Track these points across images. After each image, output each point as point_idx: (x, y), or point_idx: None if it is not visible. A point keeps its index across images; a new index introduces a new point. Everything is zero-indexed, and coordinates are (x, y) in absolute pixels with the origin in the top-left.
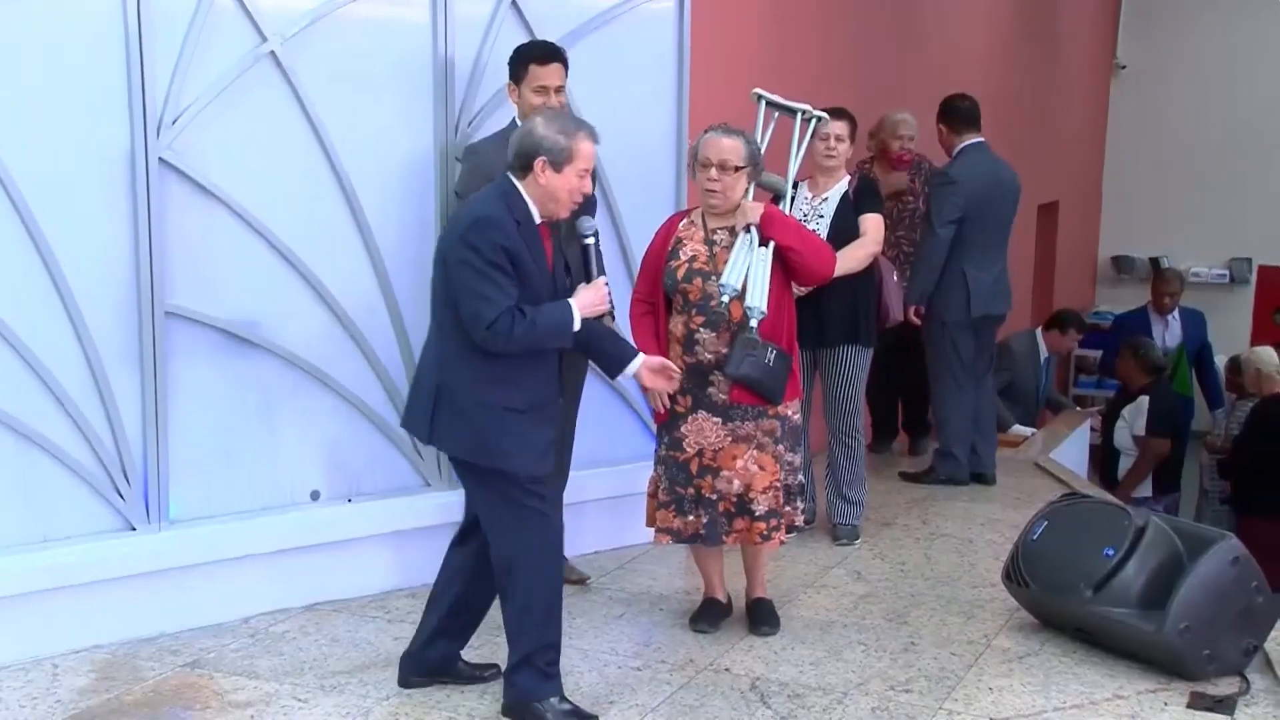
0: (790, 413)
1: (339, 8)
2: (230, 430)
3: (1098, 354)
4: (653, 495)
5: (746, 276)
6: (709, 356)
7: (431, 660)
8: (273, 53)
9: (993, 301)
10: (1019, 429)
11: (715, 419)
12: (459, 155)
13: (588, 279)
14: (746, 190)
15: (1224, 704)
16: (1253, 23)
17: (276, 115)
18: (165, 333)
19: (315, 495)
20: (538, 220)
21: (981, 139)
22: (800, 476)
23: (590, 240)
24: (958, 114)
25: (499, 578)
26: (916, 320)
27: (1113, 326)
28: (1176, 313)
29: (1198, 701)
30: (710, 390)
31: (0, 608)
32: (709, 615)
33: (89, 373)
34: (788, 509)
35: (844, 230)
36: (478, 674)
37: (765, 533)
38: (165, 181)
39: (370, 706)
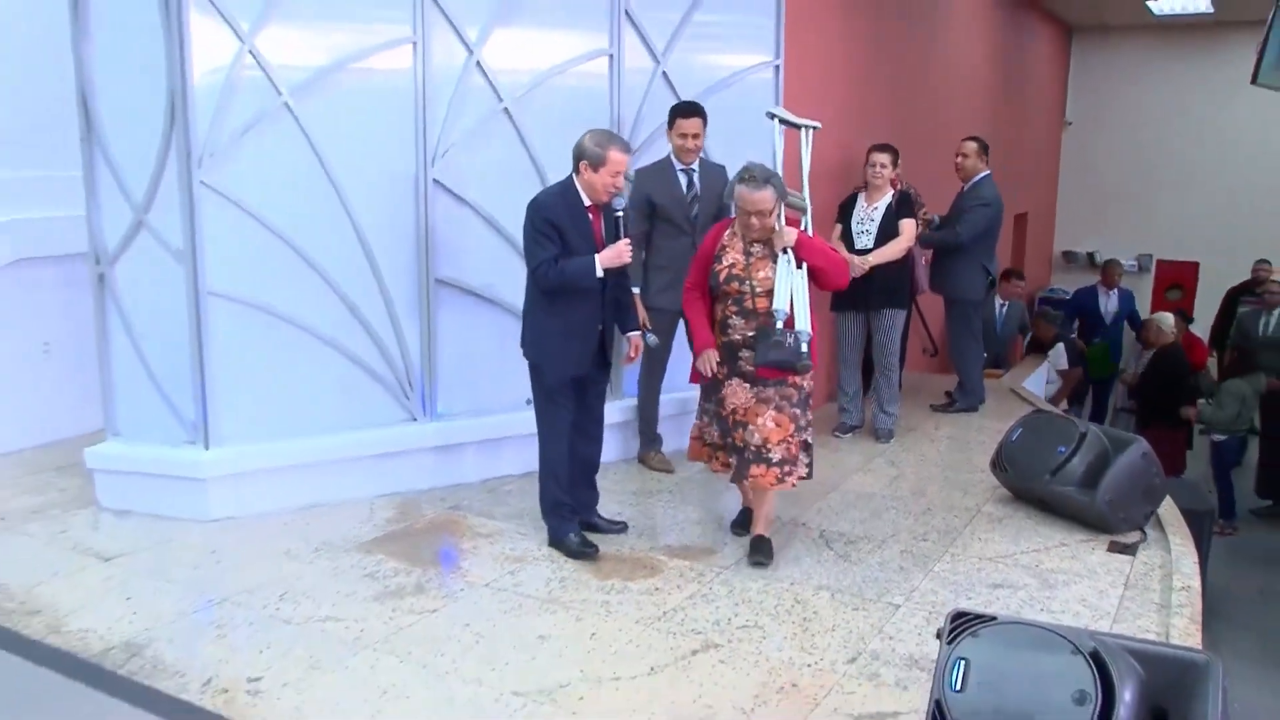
0: (805, 383)
1: (551, 79)
2: (474, 356)
3: (1059, 314)
4: (696, 437)
5: (792, 298)
6: (738, 338)
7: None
8: (506, 109)
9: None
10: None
11: (745, 384)
12: (630, 176)
13: (615, 240)
14: (778, 214)
15: (1130, 548)
16: (1163, 91)
17: (508, 152)
18: (435, 293)
19: (528, 401)
20: (587, 203)
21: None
22: (807, 435)
23: (619, 214)
24: (985, 150)
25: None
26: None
27: (1072, 296)
28: (1116, 290)
29: (1114, 547)
30: (740, 363)
31: (338, 467)
32: (746, 521)
33: (388, 317)
34: (801, 457)
35: (888, 230)
36: (609, 525)
37: (780, 476)
38: (436, 194)
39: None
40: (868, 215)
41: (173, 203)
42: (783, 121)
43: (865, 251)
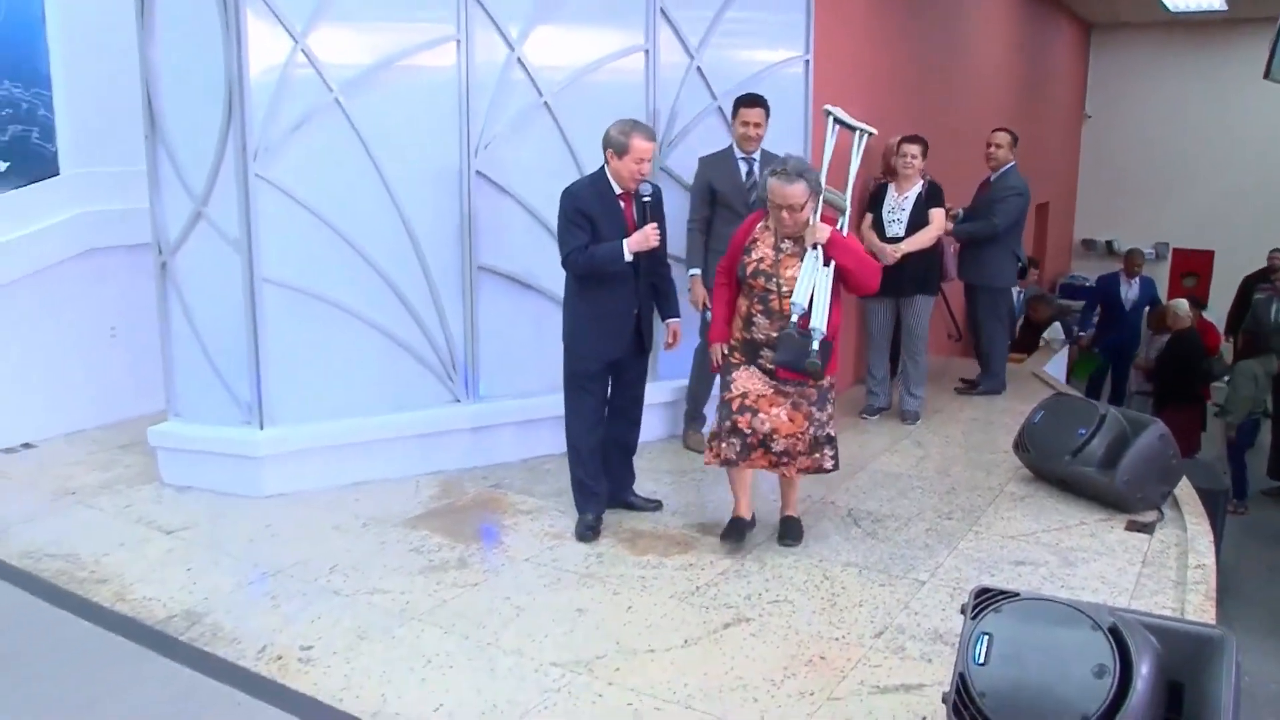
0: (825, 383)
1: (589, 74)
2: (514, 340)
3: (1080, 304)
4: (715, 454)
5: (813, 294)
6: (761, 337)
7: (609, 492)
8: (546, 103)
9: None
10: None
11: (763, 375)
12: (657, 163)
13: (642, 225)
14: (814, 209)
15: (1147, 527)
16: (1174, 85)
17: (548, 144)
18: (477, 279)
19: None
20: (618, 191)
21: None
22: (829, 430)
23: (646, 199)
24: (1015, 142)
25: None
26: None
27: (1095, 283)
28: (1138, 279)
29: (1132, 526)
30: (760, 360)
31: (385, 446)
32: (735, 532)
33: (433, 303)
34: (815, 455)
35: (918, 219)
36: (645, 503)
37: (774, 463)
38: (478, 185)
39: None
40: (898, 205)
41: (230, 195)
42: (838, 122)
43: (896, 240)
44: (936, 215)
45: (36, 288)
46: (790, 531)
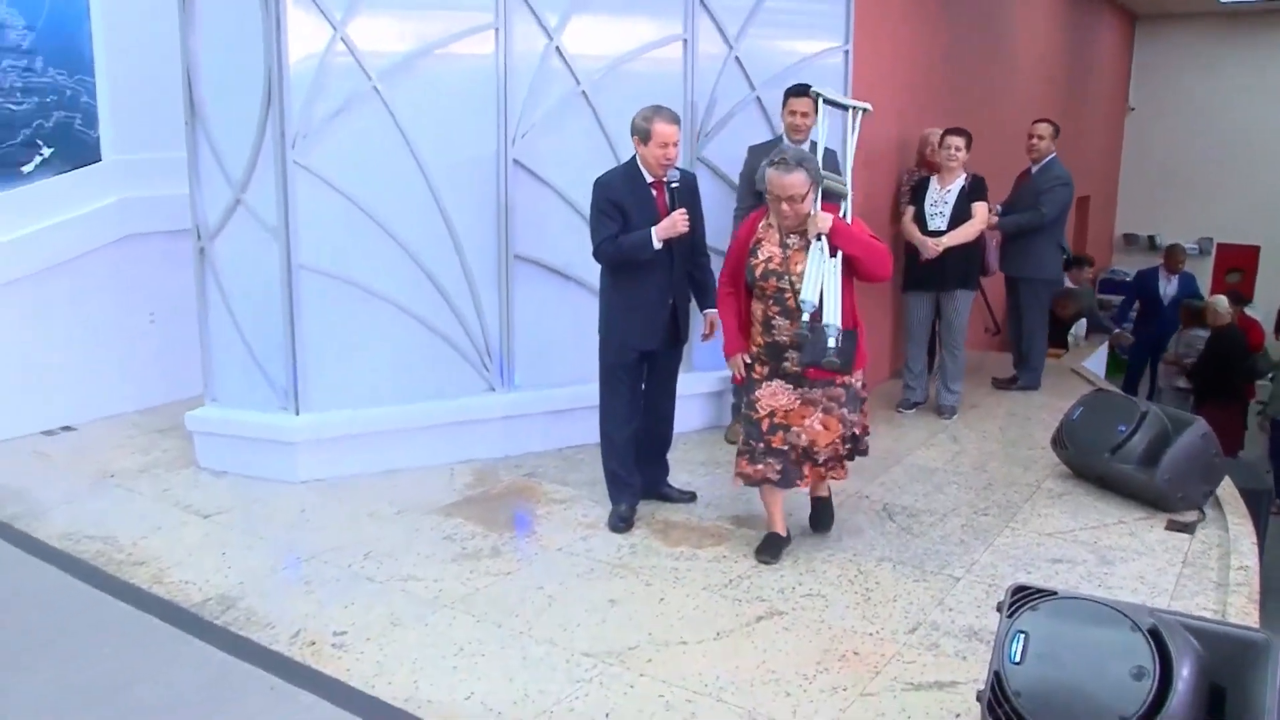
0: (854, 380)
1: (627, 63)
2: (550, 330)
3: (1119, 298)
4: (747, 474)
5: (822, 289)
6: (784, 339)
7: (644, 483)
8: (584, 92)
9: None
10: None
11: (788, 386)
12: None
13: (671, 211)
14: (815, 199)
15: (1188, 527)
16: (1221, 77)
17: (586, 133)
18: (514, 269)
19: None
20: (649, 179)
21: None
22: (858, 430)
23: (675, 185)
24: (1058, 133)
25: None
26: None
27: (1134, 278)
28: (1178, 275)
29: (1172, 525)
30: (785, 364)
31: (420, 434)
32: (771, 547)
33: (469, 291)
34: (846, 447)
35: (960, 213)
36: (679, 495)
37: (823, 474)
38: (516, 174)
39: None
40: (941, 198)
41: (268, 182)
42: (828, 102)
43: (938, 233)
44: (979, 209)
45: (78, 273)
46: (821, 514)
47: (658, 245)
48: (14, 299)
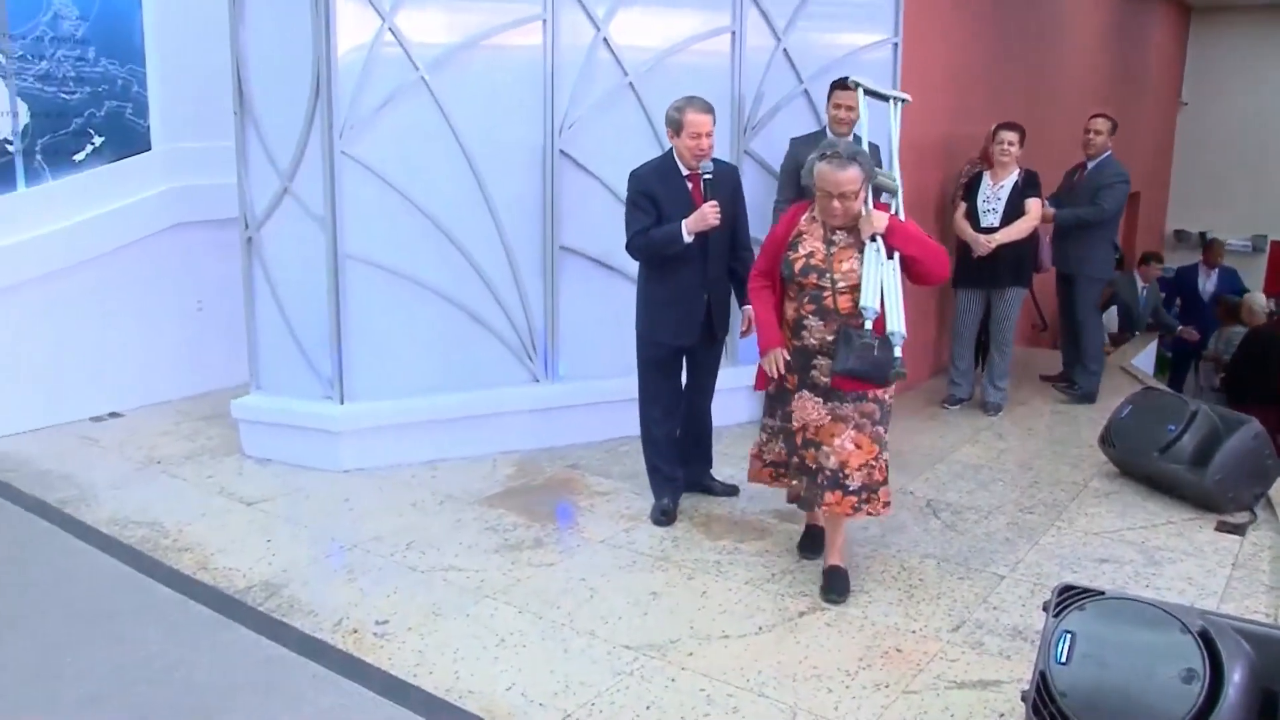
0: (886, 396)
1: (675, 55)
2: (594, 321)
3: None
4: (756, 455)
5: (883, 293)
6: (814, 342)
7: (687, 477)
8: (631, 84)
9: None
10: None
11: (817, 399)
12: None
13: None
14: (866, 197)
15: (1239, 529)
16: (1278, 70)
17: (632, 125)
18: (559, 260)
19: None
20: (685, 171)
21: None
22: (887, 455)
23: (708, 177)
24: (1115, 129)
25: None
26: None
27: (1175, 274)
28: (1217, 270)
29: (1222, 527)
30: (813, 373)
31: (463, 424)
32: (813, 542)
33: (514, 282)
34: (884, 488)
35: (1014, 209)
36: (722, 488)
37: (856, 505)
38: (562, 165)
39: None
40: (994, 194)
41: (316, 172)
42: (868, 93)
43: (991, 229)
44: (1033, 205)
45: (127, 261)
46: (835, 586)
47: (688, 239)
48: (62, 286)
